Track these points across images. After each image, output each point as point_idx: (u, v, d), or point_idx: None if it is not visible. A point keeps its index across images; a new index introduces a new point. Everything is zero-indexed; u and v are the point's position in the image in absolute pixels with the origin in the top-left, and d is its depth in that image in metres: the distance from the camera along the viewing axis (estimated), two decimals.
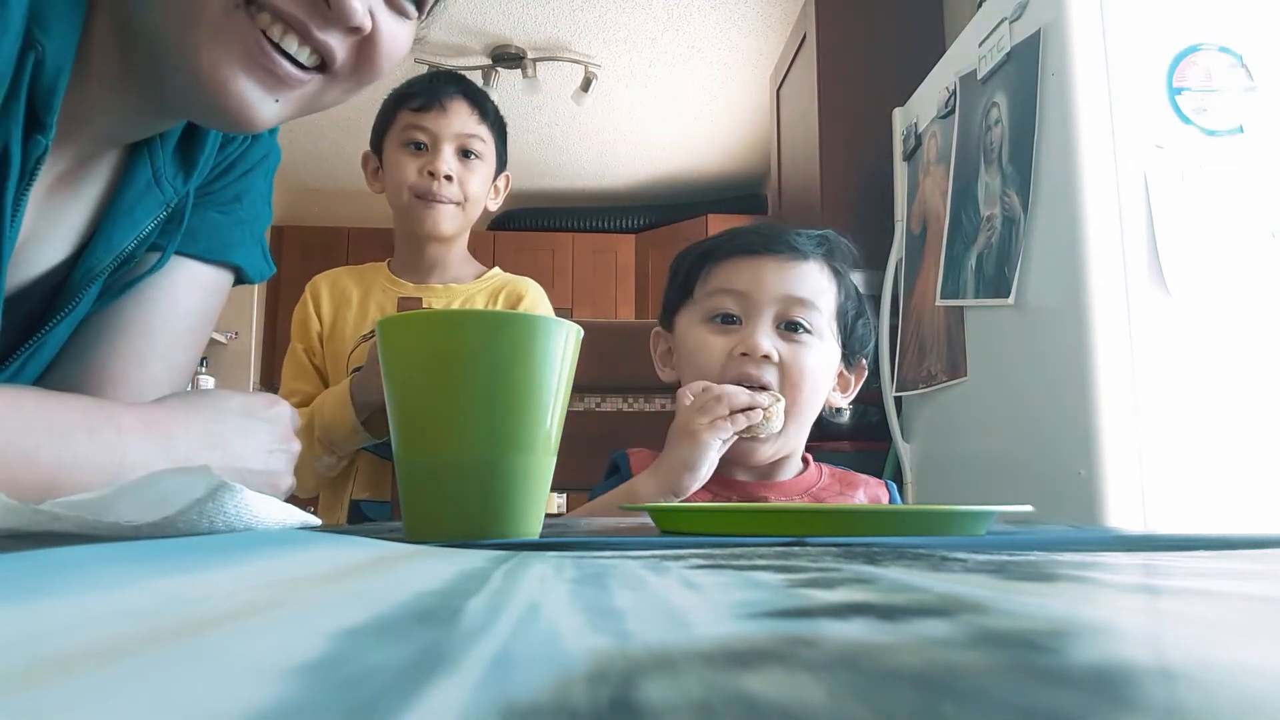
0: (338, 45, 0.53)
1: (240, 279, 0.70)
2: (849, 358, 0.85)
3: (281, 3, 0.50)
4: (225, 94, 0.50)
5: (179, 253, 0.63)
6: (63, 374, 0.61)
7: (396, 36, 0.56)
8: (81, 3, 0.49)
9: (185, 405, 0.52)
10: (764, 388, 0.77)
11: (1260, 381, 1.16)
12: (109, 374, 0.61)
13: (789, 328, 0.79)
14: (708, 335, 0.81)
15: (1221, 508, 1.13)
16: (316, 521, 0.41)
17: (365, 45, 0.54)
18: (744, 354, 0.77)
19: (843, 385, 0.87)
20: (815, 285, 0.80)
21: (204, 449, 0.50)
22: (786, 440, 0.80)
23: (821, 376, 0.81)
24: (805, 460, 0.88)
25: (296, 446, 0.57)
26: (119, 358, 0.62)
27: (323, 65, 0.54)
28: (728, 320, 0.80)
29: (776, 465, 0.84)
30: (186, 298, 0.65)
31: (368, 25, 0.53)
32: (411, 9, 0.57)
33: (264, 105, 0.52)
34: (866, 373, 0.89)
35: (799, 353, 0.78)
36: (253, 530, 0.36)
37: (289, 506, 0.40)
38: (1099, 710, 0.08)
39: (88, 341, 0.62)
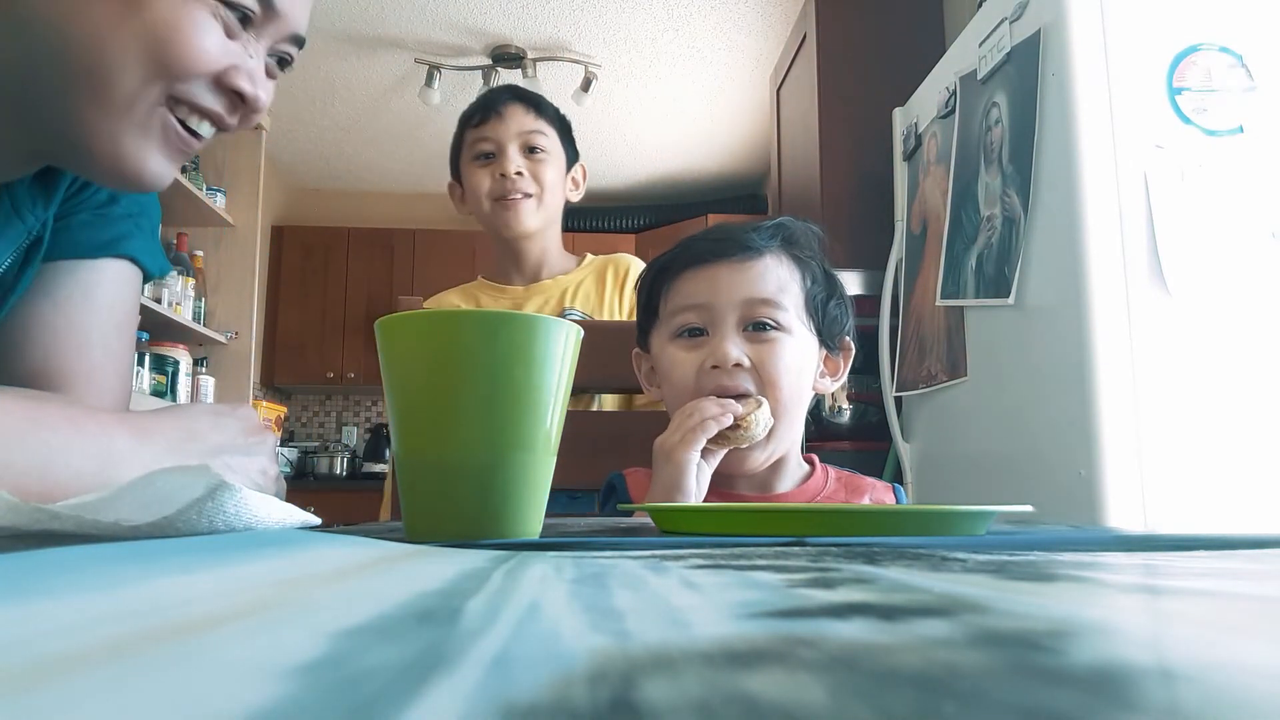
0: (234, 120, 0.61)
1: (144, 273, 0.72)
2: (829, 342, 0.83)
3: (202, 100, 0.57)
4: (142, 173, 0.57)
5: (72, 256, 0.67)
6: (4, 382, 0.63)
7: (269, 98, 0.63)
8: None
9: (155, 411, 0.56)
10: (746, 395, 0.76)
11: (1260, 382, 1.16)
12: (51, 370, 0.64)
13: (756, 328, 0.78)
14: (677, 352, 0.80)
15: (1221, 508, 1.13)
16: (316, 521, 0.41)
17: (247, 110, 0.61)
18: (715, 366, 0.76)
19: (831, 369, 0.84)
20: (776, 280, 0.79)
21: (182, 441, 0.52)
22: (779, 442, 0.78)
23: (801, 371, 0.79)
24: (811, 463, 0.86)
25: (272, 438, 0.60)
26: (56, 355, 0.64)
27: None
28: (694, 334, 0.79)
29: (777, 472, 0.82)
30: (101, 291, 0.68)
31: (265, 104, 0.60)
32: (278, 73, 0.64)
33: (170, 173, 0.59)
34: (853, 351, 0.86)
35: (771, 352, 0.77)
36: (253, 530, 0.36)
37: (289, 506, 0.40)
38: (1099, 710, 0.08)
39: (18, 352, 0.64)
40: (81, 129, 0.55)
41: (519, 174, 1.24)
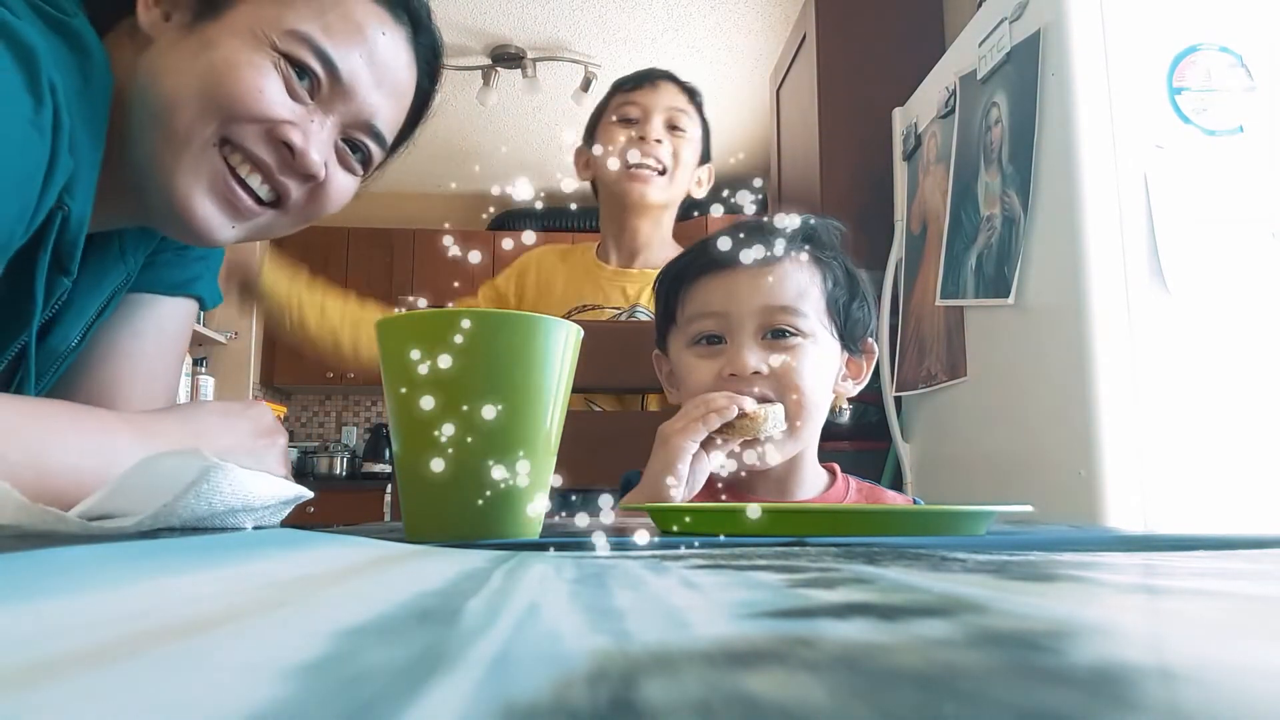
0: (294, 187, 0.62)
1: (200, 306, 0.79)
2: (851, 345, 0.81)
3: (253, 147, 0.59)
4: (193, 216, 0.60)
5: (153, 291, 0.73)
6: (77, 396, 0.67)
7: (343, 186, 0.65)
8: (98, 165, 0.57)
9: (162, 410, 0.59)
10: (766, 399, 0.74)
11: (1260, 381, 1.16)
12: (123, 392, 0.70)
13: (775, 335, 0.76)
14: (695, 360, 0.78)
15: (1221, 508, 1.13)
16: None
17: (316, 190, 0.64)
18: (733, 374, 0.75)
19: (854, 371, 0.82)
20: (795, 286, 0.77)
21: (185, 442, 0.54)
22: (798, 444, 0.77)
23: (820, 378, 0.77)
24: (832, 473, 0.84)
25: (282, 440, 0.62)
26: (128, 382, 0.71)
27: (277, 201, 0.62)
28: (712, 341, 0.78)
29: (796, 479, 0.81)
30: (170, 325, 0.75)
31: (323, 174, 0.62)
32: (358, 169, 0.67)
33: (224, 229, 0.62)
34: (877, 352, 0.84)
35: (790, 361, 0.75)
36: (249, 531, 0.36)
37: (281, 480, 0.41)
38: (1099, 710, 0.08)
39: (95, 371, 0.70)
40: (152, 167, 0.58)
41: (658, 142, 1.24)
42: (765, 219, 0.83)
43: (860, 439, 1.94)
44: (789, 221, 0.80)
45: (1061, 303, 1.25)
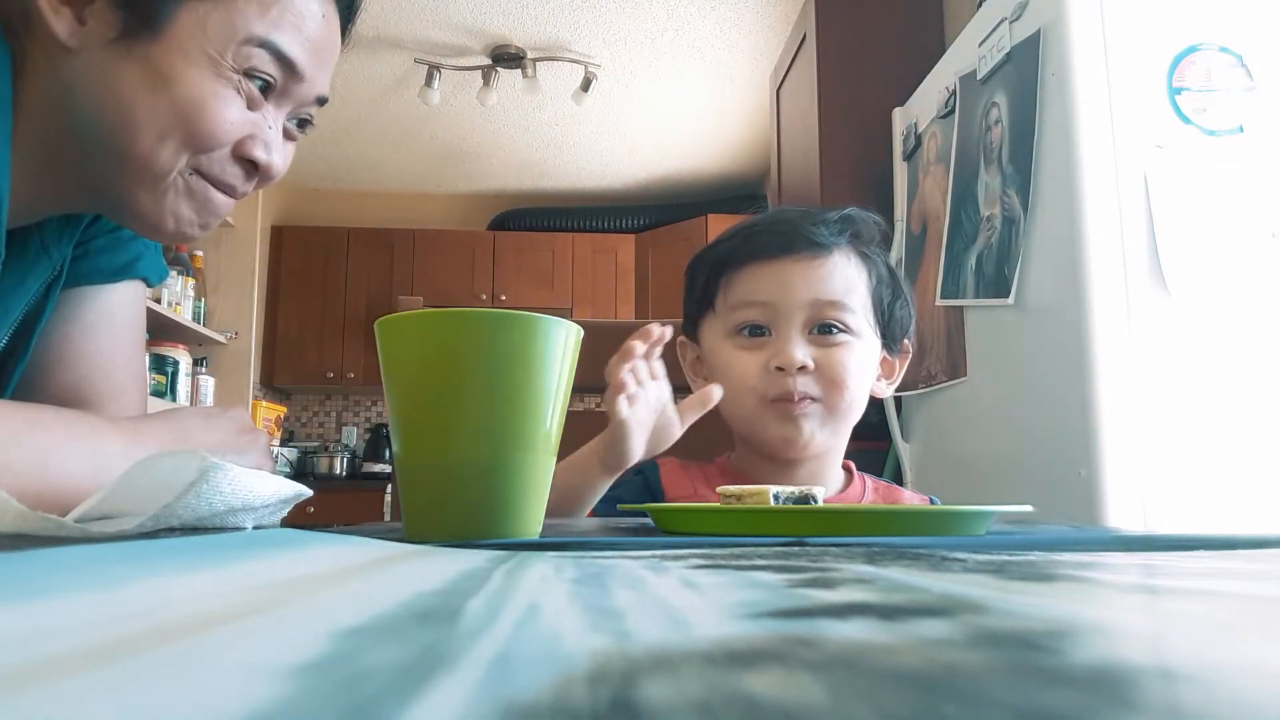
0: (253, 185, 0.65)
1: (146, 284, 0.79)
2: (891, 344, 0.79)
3: (221, 170, 0.61)
4: (181, 236, 0.63)
5: (94, 282, 0.72)
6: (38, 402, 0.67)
7: (289, 158, 0.66)
8: (6, 152, 0.56)
9: (147, 415, 0.59)
10: (811, 398, 0.73)
11: (1260, 381, 1.16)
12: (83, 392, 0.68)
13: (822, 330, 0.74)
14: (737, 352, 0.76)
15: (1221, 508, 1.13)
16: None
17: (263, 175, 0.65)
18: (779, 368, 0.73)
19: (887, 371, 0.81)
20: (845, 281, 0.75)
21: (173, 443, 0.54)
22: (829, 436, 0.76)
23: (863, 376, 0.76)
24: (849, 471, 0.83)
25: (264, 437, 0.62)
26: (88, 378, 0.69)
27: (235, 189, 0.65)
28: (755, 332, 0.75)
29: (821, 476, 0.80)
30: (121, 314, 0.73)
31: (279, 170, 0.64)
32: (298, 135, 0.68)
33: (206, 231, 0.64)
34: (910, 354, 0.83)
35: (836, 356, 0.74)
36: (249, 531, 0.36)
37: (281, 479, 0.41)
38: (1099, 710, 0.08)
39: (50, 376, 0.68)
40: (123, 196, 0.59)
41: None
42: (808, 208, 0.82)
43: (860, 439, 1.92)
44: (832, 212, 0.78)
45: (1061, 303, 1.25)
